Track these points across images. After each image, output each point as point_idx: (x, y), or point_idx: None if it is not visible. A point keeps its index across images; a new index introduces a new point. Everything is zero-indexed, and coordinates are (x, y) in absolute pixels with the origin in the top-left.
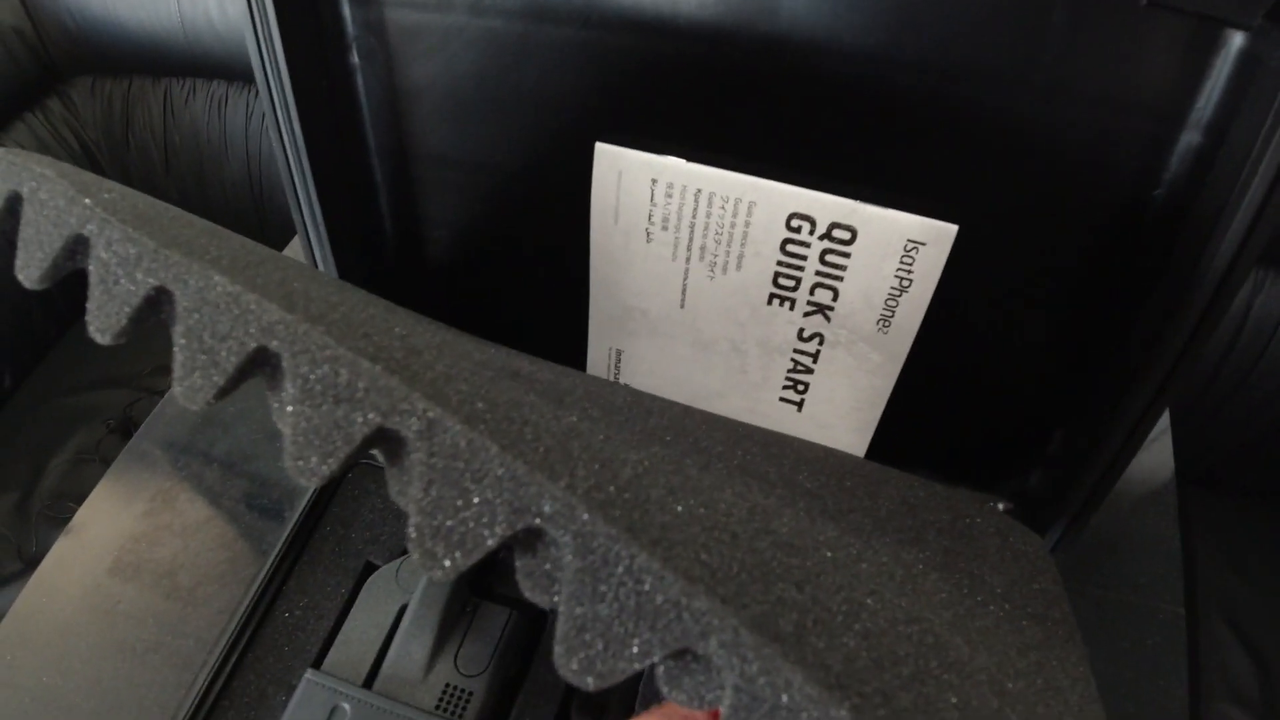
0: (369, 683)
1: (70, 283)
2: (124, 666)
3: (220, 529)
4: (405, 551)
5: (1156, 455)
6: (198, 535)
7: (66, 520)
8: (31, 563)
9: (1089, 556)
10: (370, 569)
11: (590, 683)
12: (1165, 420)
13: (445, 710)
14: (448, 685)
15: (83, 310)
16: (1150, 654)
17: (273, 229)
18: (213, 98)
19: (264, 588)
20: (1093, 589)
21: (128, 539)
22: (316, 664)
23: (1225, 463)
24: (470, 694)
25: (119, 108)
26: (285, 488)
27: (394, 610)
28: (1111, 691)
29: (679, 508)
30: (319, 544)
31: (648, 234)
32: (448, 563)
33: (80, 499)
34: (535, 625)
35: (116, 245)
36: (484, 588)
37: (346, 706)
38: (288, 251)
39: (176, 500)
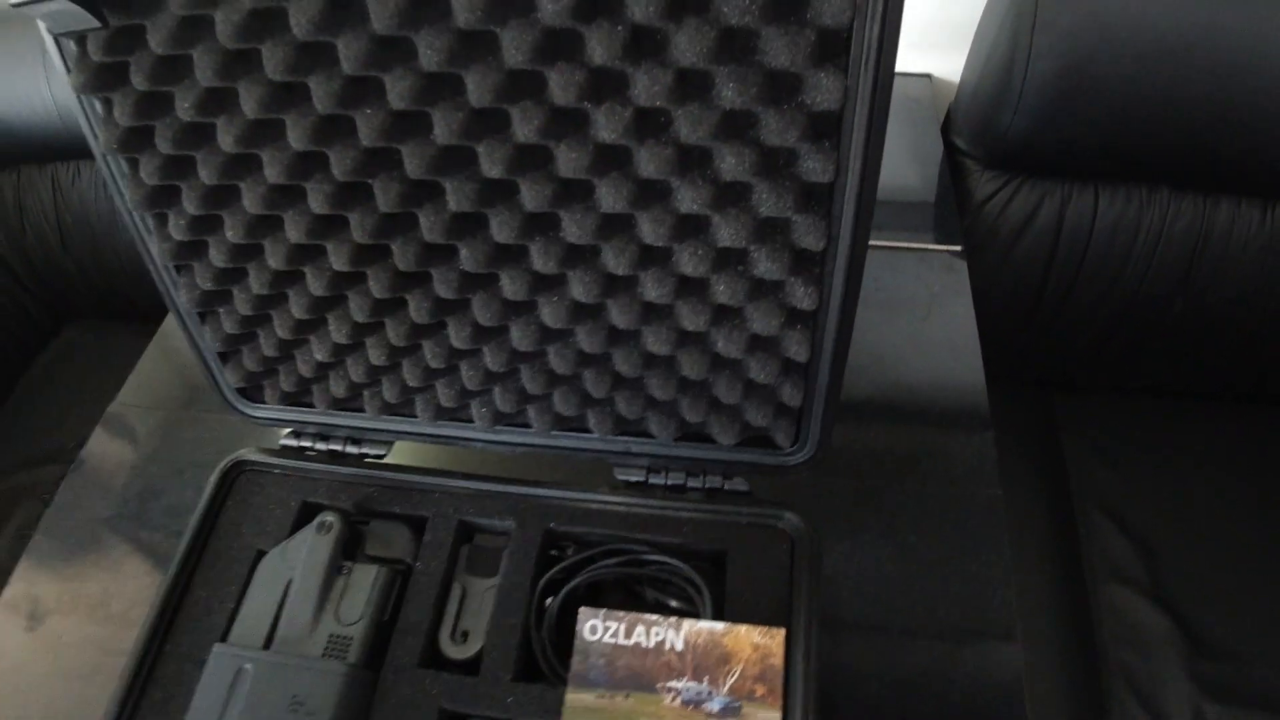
0: (267, 645)
1: None
2: (73, 689)
3: (140, 559)
4: (289, 536)
5: (965, 363)
6: (121, 567)
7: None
8: None
9: (908, 459)
10: (260, 555)
11: None
12: (973, 329)
13: (330, 655)
14: (331, 635)
15: (11, 390)
16: (972, 534)
17: None
18: (98, 174)
19: (172, 586)
20: (913, 484)
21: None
22: (223, 638)
23: (1079, 366)
24: (350, 639)
25: (10, 197)
26: (185, 508)
27: (282, 584)
28: (938, 569)
29: None
30: (216, 543)
31: None
32: None
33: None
34: (401, 578)
35: None
36: (354, 552)
37: (249, 666)
38: None
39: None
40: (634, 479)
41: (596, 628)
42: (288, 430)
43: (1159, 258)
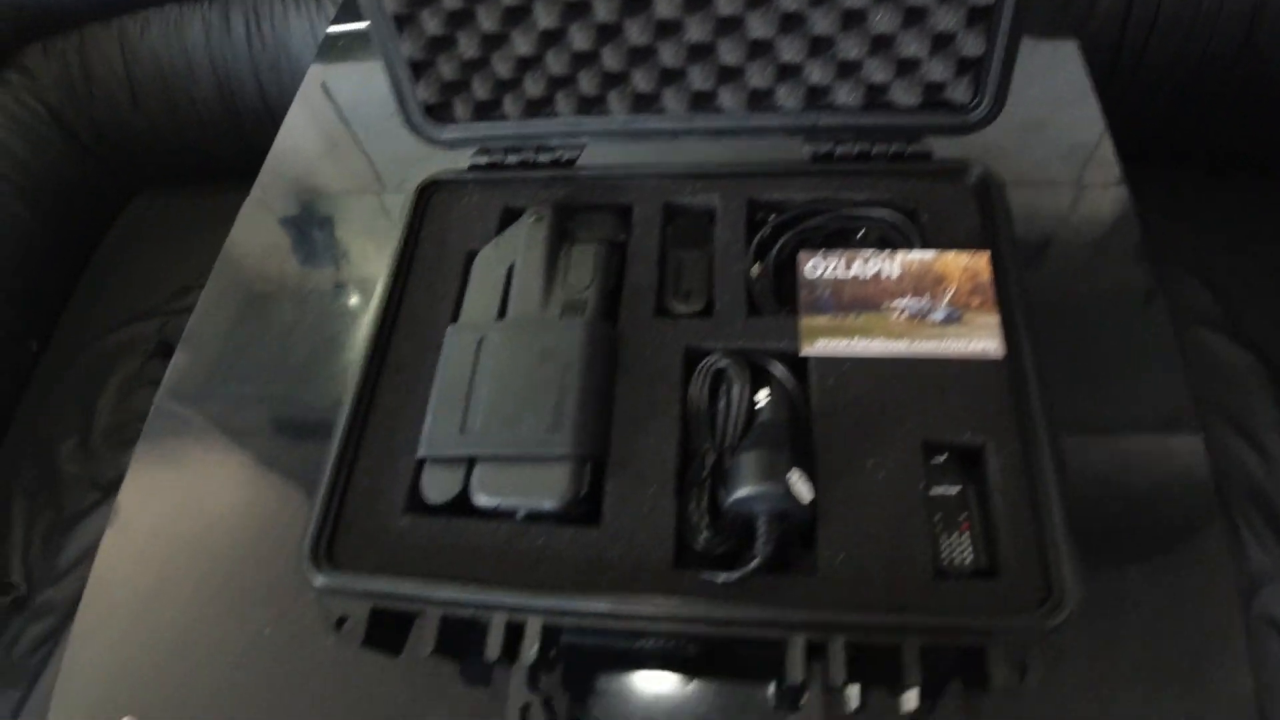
0: (501, 318)
1: (69, 240)
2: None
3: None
4: (499, 232)
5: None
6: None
7: (133, 441)
8: (108, 489)
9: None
10: (472, 255)
11: None
12: None
13: (568, 315)
14: (565, 302)
15: (87, 262)
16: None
17: (251, 136)
18: (168, 23)
19: (389, 290)
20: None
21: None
22: (453, 321)
23: (1152, 137)
24: (585, 301)
25: (75, 62)
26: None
27: (504, 271)
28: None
29: None
30: (423, 252)
31: None
32: None
33: (141, 417)
34: (619, 250)
35: None
36: (571, 236)
37: (491, 334)
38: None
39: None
40: (823, 151)
41: (817, 265)
42: (475, 151)
43: (1223, 17)
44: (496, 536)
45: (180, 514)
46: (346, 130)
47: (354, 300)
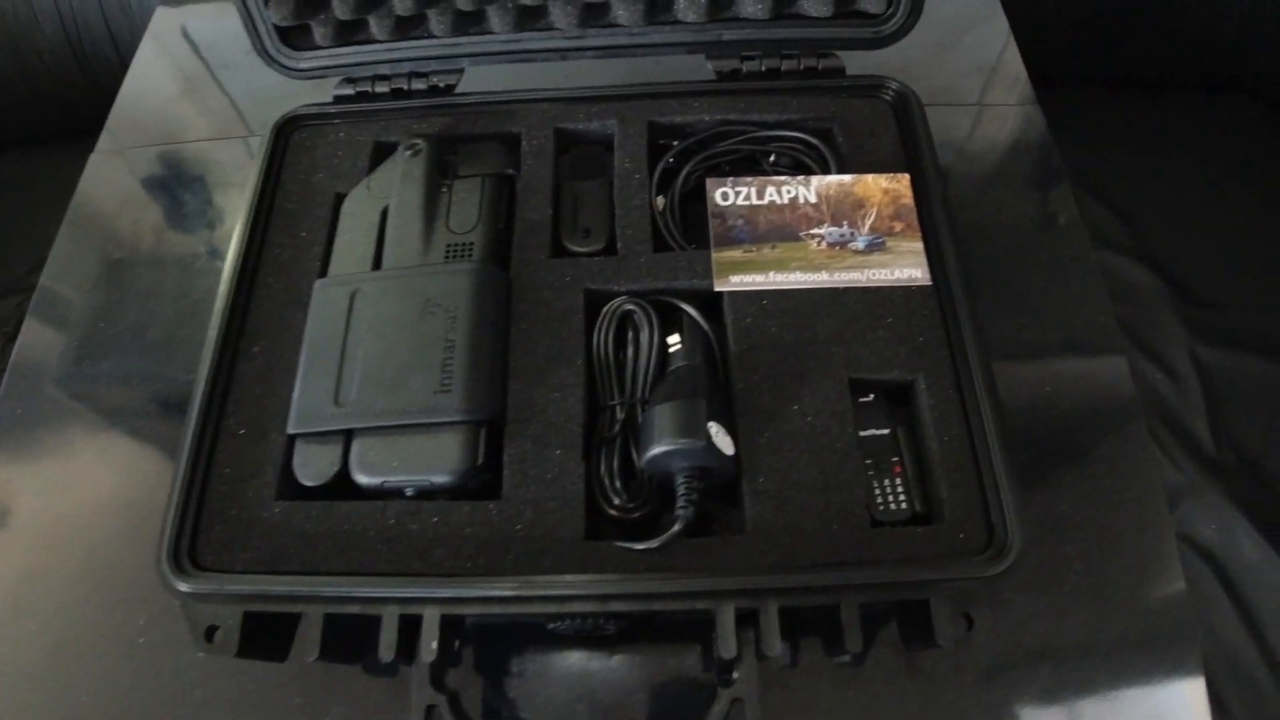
0: (376, 269)
1: None
2: None
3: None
4: (370, 171)
5: None
6: None
7: None
8: None
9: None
10: (340, 198)
11: None
12: None
13: (453, 259)
14: (448, 245)
15: None
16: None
17: (105, 86)
18: None
19: (246, 241)
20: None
21: None
22: (321, 276)
23: (1056, 58)
24: (471, 243)
25: None
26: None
27: (378, 215)
28: None
29: None
30: (286, 195)
31: None
32: None
33: None
34: (508, 184)
35: None
36: (453, 170)
37: (366, 287)
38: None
39: None
40: (728, 68)
41: (727, 194)
42: (339, 80)
43: None
44: (384, 519)
45: (44, 507)
46: (204, 69)
47: (220, 259)
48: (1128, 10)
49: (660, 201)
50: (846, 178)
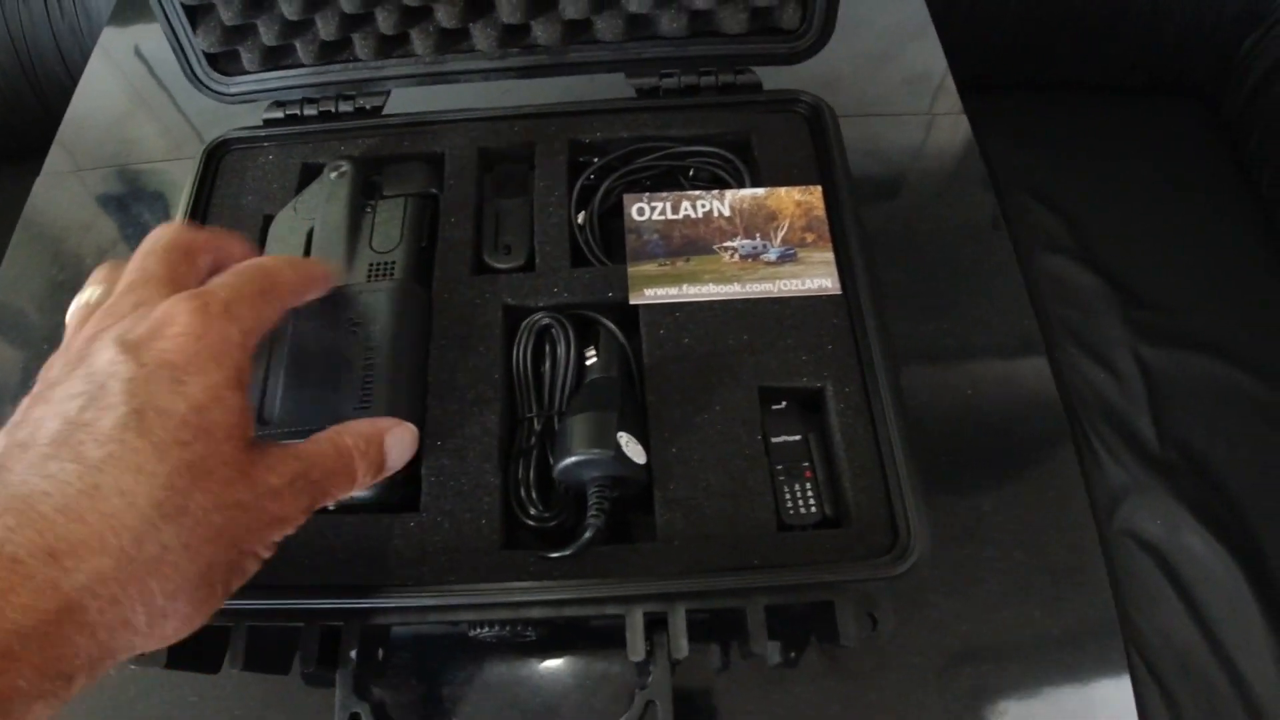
0: None
1: None
2: None
3: None
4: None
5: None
6: None
7: None
8: None
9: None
10: (268, 220)
11: None
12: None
13: (375, 278)
14: (371, 264)
15: None
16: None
17: (55, 109)
18: None
19: None
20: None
21: None
22: None
23: (994, 65)
24: (393, 262)
25: None
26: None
27: (302, 236)
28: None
29: None
30: (216, 219)
31: None
32: None
33: None
34: (432, 204)
35: None
36: (378, 191)
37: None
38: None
39: None
40: (648, 85)
41: (644, 209)
42: (268, 104)
43: None
44: (306, 533)
45: None
46: (155, 87)
47: None
48: (1069, 15)
49: (580, 217)
50: (760, 191)
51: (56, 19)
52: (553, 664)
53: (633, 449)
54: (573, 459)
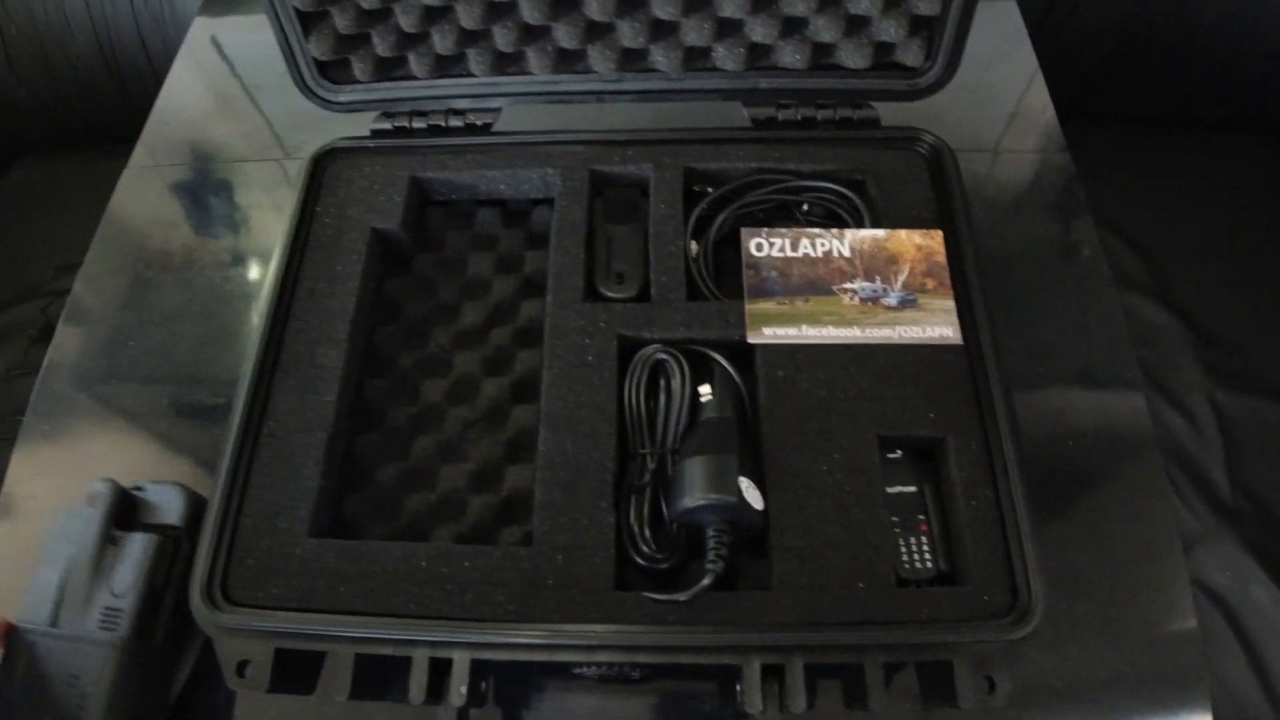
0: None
1: None
2: None
3: None
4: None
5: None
6: None
7: (13, 439)
8: None
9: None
10: (375, 233)
11: None
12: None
13: (106, 627)
14: (105, 608)
15: None
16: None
17: (134, 98)
18: None
19: (281, 279)
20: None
21: None
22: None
23: (1084, 94)
24: (122, 610)
25: None
26: None
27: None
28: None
29: None
30: (320, 228)
31: None
32: None
33: (21, 412)
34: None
35: None
36: (128, 521)
37: (38, 647)
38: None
39: None
40: (764, 115)
41: (762, 245)
42: (377, 115)
43: None
44: (416, 560)
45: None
46: (239, 87)
47: (253, 276)
48: (1148, 48)
49: (694, 247)
50: (880, 232)
51: (140, 8)
52: (648, 700)
53: (752, 495)
54: (693, 502)
